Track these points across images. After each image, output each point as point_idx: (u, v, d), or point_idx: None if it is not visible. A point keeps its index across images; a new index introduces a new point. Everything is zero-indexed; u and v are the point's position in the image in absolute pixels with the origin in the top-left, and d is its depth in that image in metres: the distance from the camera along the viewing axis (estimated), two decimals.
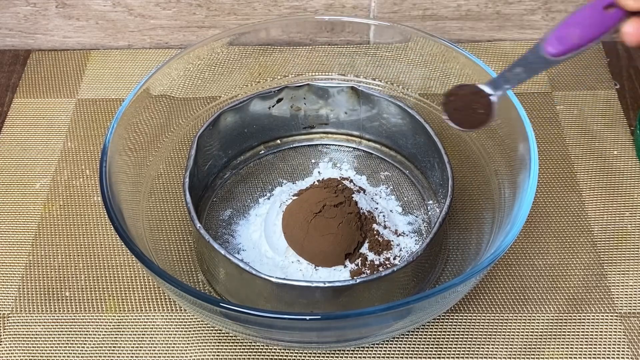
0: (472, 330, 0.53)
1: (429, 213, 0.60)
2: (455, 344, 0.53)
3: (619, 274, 0.56)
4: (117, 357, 0.53)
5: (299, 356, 0.53)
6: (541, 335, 0.53)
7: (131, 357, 0.53)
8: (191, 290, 0.45)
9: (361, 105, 0.63)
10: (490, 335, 0.53)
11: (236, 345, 0.53)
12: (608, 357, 0.52)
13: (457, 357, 0.52)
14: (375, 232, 0.55)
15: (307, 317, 0.43)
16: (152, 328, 0.54)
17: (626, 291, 0.55)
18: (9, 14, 0.75)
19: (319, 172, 0.63)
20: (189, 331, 0.54)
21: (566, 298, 0.55)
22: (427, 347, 0.53)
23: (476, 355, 0.52)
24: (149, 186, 0.58)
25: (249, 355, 0.52)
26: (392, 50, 0.64)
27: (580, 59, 0.74)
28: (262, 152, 0.65)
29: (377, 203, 0.59)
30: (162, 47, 0.77)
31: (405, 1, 0.73)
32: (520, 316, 0.54)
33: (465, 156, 0.60)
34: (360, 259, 0.54)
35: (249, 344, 0.53)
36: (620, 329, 0.53)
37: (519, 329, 0.53)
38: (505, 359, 0.52)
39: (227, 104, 0.62)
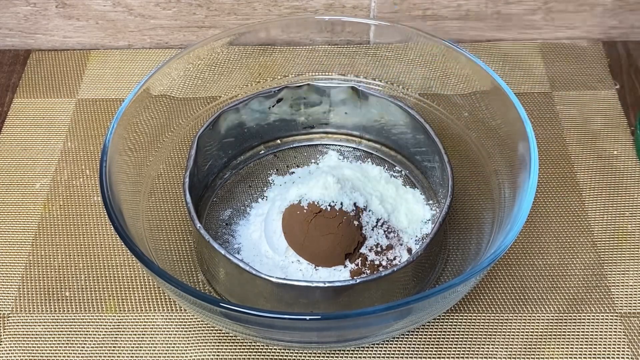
0: (472, 330, 0.53)
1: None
2: (455, 344, 0.53)
3: (619, 274, 0.56)
4: (117, 357, 0.53)
5: (299, 356, 0.53)
6: (541, 335, 0.53)
7: (131, 357, 0.53)
8: (191, 290, 0.45)
9: (361, 105, 0.63)
10: (490, 335, 0.53)
11: (236, 345, 0.53)
12: (608, 357, 0.52)
13: (457, 357, 0.52)
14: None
15: (307, 317, 0.43)
16: (152, 328, 0.54)
17: (626, 291, 0.55)
18: (9, 14, 0.75)
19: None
20: (189, 331, 0.54)
21: (566, 298, 0.55)
22: (427, 347, 0.53)
23: (476, 355, 0.52)
24: (149, 186, 0.58)
25: (249, 355, 0.52)
26: (392, 50, 0.64)
27: (580, 59, 0.74)
28: (262, 152, 0.65)
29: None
30: (162, 47, 0.77)
31: (405, 1, 0.73)
32: (520, 316, 0.54)
33: (465, 156, 0.60)
34: (360, 259, 0.54)
35: (249, 344, 0.53)
36: (620, 329, 0.53)
37: (519, 329, 0.53)
38: (505, 359, 0.52)
39: (227, 104, 0.62)
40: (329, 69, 0.66)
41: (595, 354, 0.52)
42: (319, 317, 0.44)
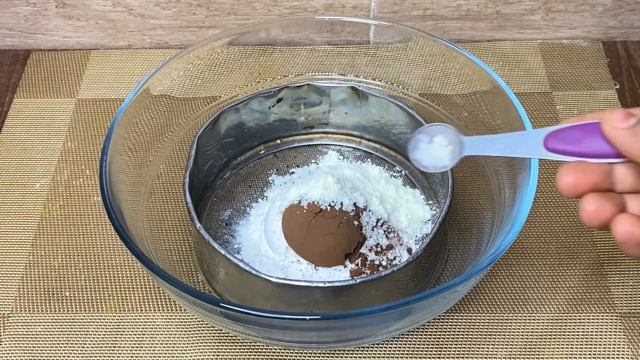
0: (472, 330, 0.53)
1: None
2: (455, 344, 0.53)
3: (619, 274, 0.56)
4: (117, 357, 0.53)
5: (299, 356, 0.53)
6: (541, 335, 0.53)
7: (131, 357, 0.53)
8: (191, 290, 0.45)
9: (361, 105, 0.63)
10: (490, 335, 0.53)
11: (236, 345, 0.53)
12: (608, 357, 0.52)
13: (457, 357, 0.52)
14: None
15: (307, 317, 0.43)
16: (152, 328, 0.54)
17: (626, 291, 0.55)
18: (9, 14, 0.75)
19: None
20: (189, 331, 0.54)
21: (566, 298, 0.55)
22: (427, 347, 0.53)
23: (476, 355, 0.52)
24: (149, 186, 0.58)
25: (249, 355, 0.52)
26: (392, 50, 0.64)
27: (580, 59, 0.74)
28: (262, 152, 0.65)
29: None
30: (162, 47, 0.77)
31: (405, 1, 0.73)
32: (520, 316, 0.54)
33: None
34: (360, 259, 0.54)
35: (249, 344, 0.53)
36: (620, 329, 0.53)
37: (519, 329, 0.53)
38: (505, 359, 0.52)
39: (227, 104, 0.62)
40: (329, 69, 0.66)
41: (595, 354, 0.52)
42: (319, 317, 0.44)
